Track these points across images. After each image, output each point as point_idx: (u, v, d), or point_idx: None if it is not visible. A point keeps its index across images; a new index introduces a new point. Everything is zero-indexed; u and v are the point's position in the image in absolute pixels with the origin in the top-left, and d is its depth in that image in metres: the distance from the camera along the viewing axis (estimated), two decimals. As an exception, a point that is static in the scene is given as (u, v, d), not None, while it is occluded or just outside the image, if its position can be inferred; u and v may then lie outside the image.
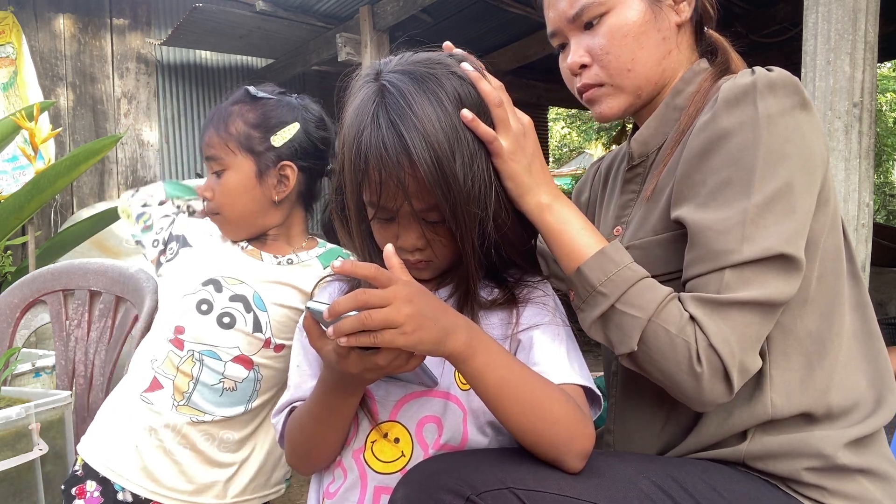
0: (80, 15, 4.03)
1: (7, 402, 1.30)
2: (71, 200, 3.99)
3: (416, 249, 0.84)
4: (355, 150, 0.79)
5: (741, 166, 0.80)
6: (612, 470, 0.78)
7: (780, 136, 0.80)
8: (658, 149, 1.00)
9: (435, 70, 0.81)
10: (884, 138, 9.55)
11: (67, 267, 1.61)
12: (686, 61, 1.00)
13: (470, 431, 0.83)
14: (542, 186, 0.87)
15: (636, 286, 0.81)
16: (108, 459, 1.20)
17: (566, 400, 0.75)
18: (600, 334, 0.85)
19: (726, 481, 0.82)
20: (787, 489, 0.85)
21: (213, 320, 1.18)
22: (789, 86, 0.82)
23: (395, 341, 0.66)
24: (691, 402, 0.82)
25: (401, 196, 0.78)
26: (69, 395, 1.35)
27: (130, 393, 1.23)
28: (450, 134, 0.77)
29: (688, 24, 0.98)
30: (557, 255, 0.88)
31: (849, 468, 0.84)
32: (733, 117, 0.82)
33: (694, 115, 0.92)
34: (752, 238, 0.78)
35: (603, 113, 1.00)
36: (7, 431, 1.21)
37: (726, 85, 0.85)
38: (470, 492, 0.69)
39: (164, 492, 1.18)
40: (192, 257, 1.26)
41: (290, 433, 0.88)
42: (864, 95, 1.74)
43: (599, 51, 0.95)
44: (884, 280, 4.22)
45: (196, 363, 1.18)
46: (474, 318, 0.84)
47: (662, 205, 0.92)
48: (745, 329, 0.78)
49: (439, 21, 3.76)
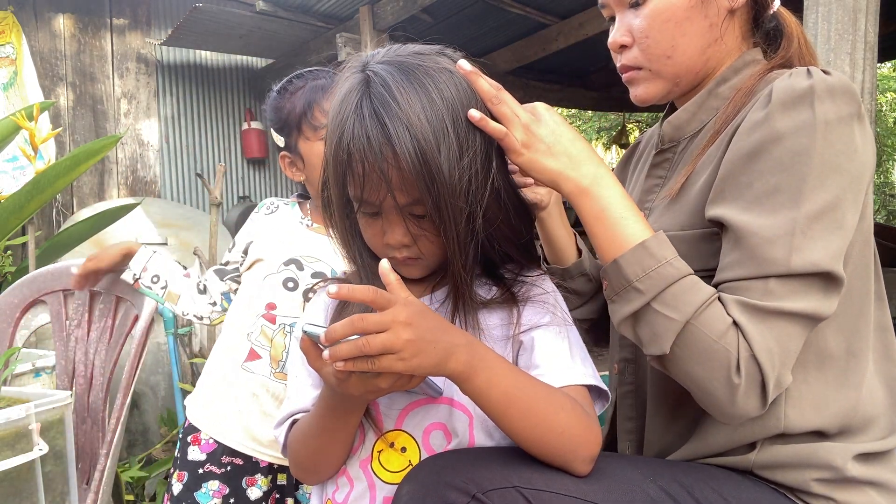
0: (80, 15, 4.03)
1: (7, 402, 1.30)
2: (71, 200, 3.99)
3: (403, 246, 0.81)
4: (337, 141, 0.76)
5: (793, 173, 0.76)
6: (620, 473, 0.77)
7: (836, 146, 0.76)
8: (692, 136, 0.96)
9: (423, 62, 0.78)
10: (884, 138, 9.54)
11: (67, 267, 1.60)
12: (736, 51, 0.94)
13: (477, 437, 0.82)
14: (576, 168, 0.81)
15: (676, 285, 0.77)
16: (216, 423, 1.37)
17: (572, 407, 0.74)
18: (630, 331, 0.81)
19: (734, 488, 0.81)
20: (795, 499, 0.83)
21: (299, 295, 1.33)
22: (848, 93, 0.78)
23: (394, 367, 0.64)
24: (720, 413, 0.78)
25: (384, 189, 0.75)
26: (69, 395, 1.34)
27: (231, 364, 1.38)
28: (435, 125, 0.74)
29: (743, 9, 0.93)
30: (595, 242, 0.83)
31: (858, 480, 0.82)
32: (789, 120, 0.77)
33: (738, 107, 0.88)
34: (801, 250, 0.74)
35: (639, 96, 0.96)
36: (7, 431, 1.21)
37: (781, 85, 0.80)
38: (476, 490, 0.68)
39: (263, 450, 1.35)
40: (263, 246, 1.38)
41: (293, 446, 0.86)
42: (864, 95, 1.74)
43: (640, 33, 0.91)
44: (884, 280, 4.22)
45: (287, 335, 1.34)
46: (470, 319, 0.82)
47: (694, 200, 0.87)
48: (787, 341, 0.75)
49: (439, 21, 3.76)
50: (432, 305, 0.86)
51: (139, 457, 2.76)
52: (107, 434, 1.46)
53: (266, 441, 1.35)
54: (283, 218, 1.42)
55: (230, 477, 1.38)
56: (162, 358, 3.11)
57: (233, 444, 1.36)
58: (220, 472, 1.37)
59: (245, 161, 4.67)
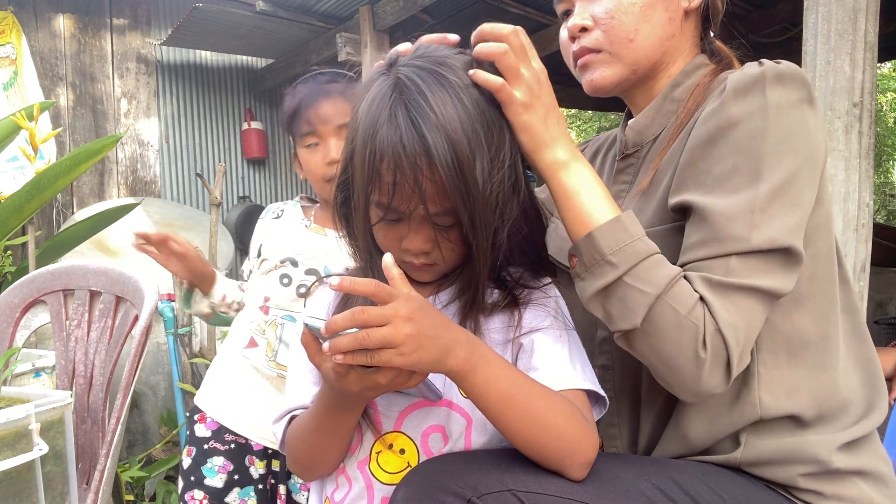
0: (80, 15, 4.02)
1: (7, 402, 1.30)
2: (71, 200, 3.98)
3: (423, 252, 0.80)
4: (370, 149, 0.74)
5: (749, 154, 0.79)
6: (614, 472, 0.77)
7: (788, 127, 0.79)
8: (653, 140, 0.98)
9: (452, 65, 0.77)
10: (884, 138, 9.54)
11: (67, 267, 1.60)
12: (687, 52, 0.98)
13: (474, 440, 0.82)
14: (558, 142, 0.83)
15: (648, 260, 0.78)
16: (215, 403, 1.46)
17: (570, 411, 0.73)
18: (599, 307, 0.82)
19: (728, 484, 0.82)
20: (787, 494, 0.84)
21: (292, 291, 1.41)
22: (797, 79, 0.81)
23: (393, 361, 0.64)
24: (685, 389, 0.79)
25: (416, 199, 0.74)
26: (69, 395, 1.34)
27: (234, 351, 1.48)
28: (471, 137, 0.73)
29: (695, 13, 0.97)
30: (566, 217, 0.84)
31: (843, 471, 0.83)
32: (742, 106, 0.80)
33: (693, 107, 0.91)
34: (760, 226, 0.76)
35: (595, 81, 0.97)
36: (7, 431, 1.21)
37: (734, 75, 0.84)
38: (471, 493, 0.68)
39: (266, 434, 1.41)
40: (268, 246, 1.48)
41: (291, 443, 0.86)
42: (864, 95, 1.74)
43: (604, 14, 0.92)
44: (884, 280, 4.22)
45: (278, 326, 1.42)
46: (477, 325, 0.82)
47: (659, 196, 0.90)
48: (750, 317, 0.77)
49: (439, 21, 3.76)
50: (437, 306, 0.86)
51: (139, 457, 2.76)
52: (107, 434, 1.46)
53: (259, 425, 1.43)
54: (287, 221, 1.51)
55: (234, 454, 1.45)
56: (162, 358, 3.11)
57: (229, 425, 1.44)
58: (224, 449, 1.45)
59: (245, 161, 4.67)
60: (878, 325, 3.85)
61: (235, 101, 4.63)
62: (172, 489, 2.52)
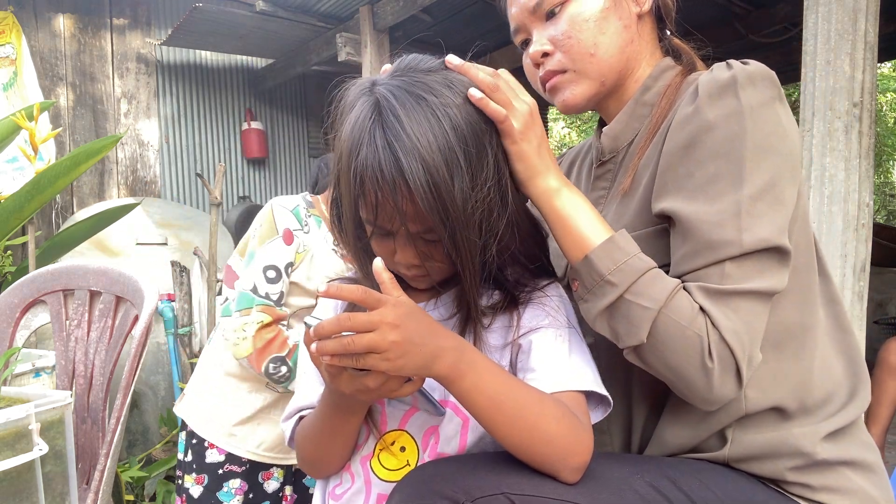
0: (80, 15, 4.02)
1: (7, 402, 1.30)
2: (71, 200, 3.98)
3: (412, 266, 0.82)
4: (353, 170, 0.75)
5: (730, 158, 0.79)
6: (608, 472, 0.78)
7: (764, 128, 0.80)
8: (629, 144, 0.99)
9: (429, 82, 0.77)
10: (884, 138, 9.54)
11: (67, 267, 1.60)
12: (649, 54, 1.00)
13: (470, 442, 0.82)
14: (550, 170, 0.85)
15: (645, 276, 0.79)
16: (202, 422, 1.52)
17: (562, 415, 0.73)
18: (605, 326, 0.83)
19: (720, 480, 0.82)
20: (777, 488, 0.85)
21: None
22: (767, 79, 0.83)
23: (378, 366, 0.65)
24: (701, 399, 0.80)
25: (397, 219, 0.75)
26: (69, 395, 1.34)
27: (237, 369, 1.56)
28: (449, 158, 0.73)
29: (648, 15, 0.99)
30: (562, 242, 0.86)
31: (830, 462, 0.84)
32: (717, 109, 0.81)
33: (666, 109, 0.93)
34: (749, 229, 0.77)
35: (567, 101, 0.98)
36: (7, 431, 1.21)
37: (705, 78, 0.85)
38: (465, 497, 0.69)
39: (252, 449, 1.49)
40: (316, 266, 1.56)
41: (299, 441, 0.88)
42: (864, 95, 1.74)
43: (562, 36, 0.94)
44: (884, 280, 4.21)
45: None
46: (477, 335, 0.83)
47: (639, 200, 0.90)
48: (752, 320, 0.77)
49: (439, 21, 3.76)
50: (436, 311, 0.87)
51: (139, 457, 2.76)
52: (107, 434, 1.46)
53: (248, 441, 1.51)
54: (316, 241, 1.61)
55: (249, 473, 1.49)
56: (162, 358, 3.11)
57: (217, 443, 1.51)
58: (241, 470, 1.49)
59: (245, 161, 4.67)
60: (878, 324, 3.85)
61: (235, 101, 4.63)
62: (172, 489, 2.52)
